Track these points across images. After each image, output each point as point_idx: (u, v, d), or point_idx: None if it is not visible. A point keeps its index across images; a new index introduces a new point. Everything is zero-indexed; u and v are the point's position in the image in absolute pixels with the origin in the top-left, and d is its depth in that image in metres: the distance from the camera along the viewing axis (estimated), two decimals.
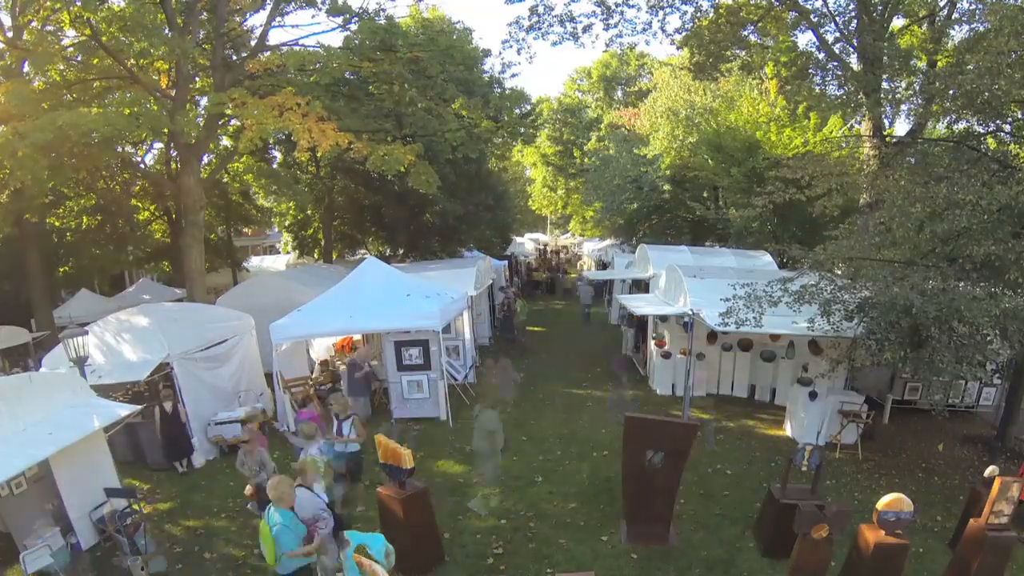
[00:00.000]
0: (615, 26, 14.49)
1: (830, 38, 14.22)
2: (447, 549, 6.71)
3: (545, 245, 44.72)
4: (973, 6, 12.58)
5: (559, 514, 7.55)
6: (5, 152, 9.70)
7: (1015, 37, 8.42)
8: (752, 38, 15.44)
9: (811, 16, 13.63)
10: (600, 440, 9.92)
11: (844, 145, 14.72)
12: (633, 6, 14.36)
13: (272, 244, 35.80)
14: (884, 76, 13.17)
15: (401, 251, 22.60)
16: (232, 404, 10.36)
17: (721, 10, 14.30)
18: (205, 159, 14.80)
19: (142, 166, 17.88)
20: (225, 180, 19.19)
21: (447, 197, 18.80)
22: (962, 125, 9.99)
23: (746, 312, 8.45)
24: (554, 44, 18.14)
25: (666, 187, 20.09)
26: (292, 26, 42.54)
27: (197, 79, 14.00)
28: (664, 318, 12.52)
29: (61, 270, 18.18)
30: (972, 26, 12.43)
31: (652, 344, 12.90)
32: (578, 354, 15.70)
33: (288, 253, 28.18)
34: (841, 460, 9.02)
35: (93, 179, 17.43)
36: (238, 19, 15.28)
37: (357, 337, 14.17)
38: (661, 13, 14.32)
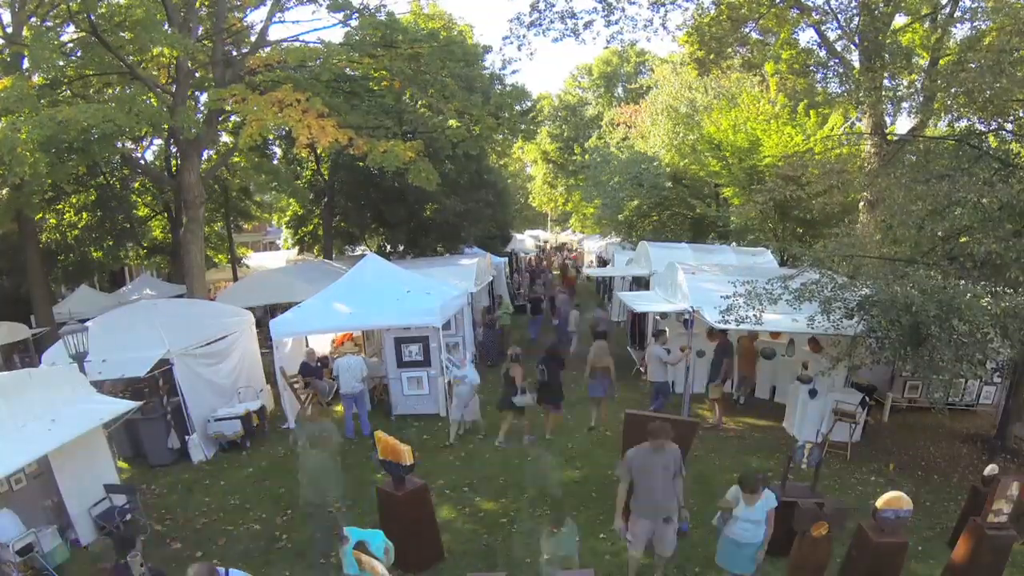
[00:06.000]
0: (616, 23, 14.50)
1: (832, 35, 14.21)
2: (446, 546, 6.71)
3: (545, 243, 44.57)
4: (975, 4, 12.57)
5: (559, 512, 7.54)
6: (4, 148, 9.66)
7: (1017, 35, 8.41)
8: (753, 35, 15.43)
9: (812, 13, 13.61)
10: (601, 438, 9.93)
11: (845, 143, 14.70)
12: (634, 3, 14.36)
13: (272, 240, 35.85)
14: (886, 74, 13.16)
15: (401, 247, 22.61)
16: (232, 400, 10.36)
17: (722, 7, 14.27)
18: (205, 155, 14.77)
19: (142, 162, 17.85)
20: (225, 176, 19.18)
21: (447, 194, 18.78)
22: (963, 123, 9.97)
23: (746, 310, 8.45)
24: (555, 41, 18.14)
25: (667, 184, 20.08)
26: (293, 22, 42.37)
27: (196, 74, 13.95)
28: (664, 315, 12.51)
29: (59, 264, 18.17)
30: (974, 24, 12.42)
31: (651, 341, 12.89)
32: (576, 354, 15.67)
33: (288, 249, 28.24)
34: (841, 458, 9.02)
35: (92, 175, 17.42)
36: (238, 15, 15.25)
37: (357, 333, 14.20)
38: (662, 10, 14.33)
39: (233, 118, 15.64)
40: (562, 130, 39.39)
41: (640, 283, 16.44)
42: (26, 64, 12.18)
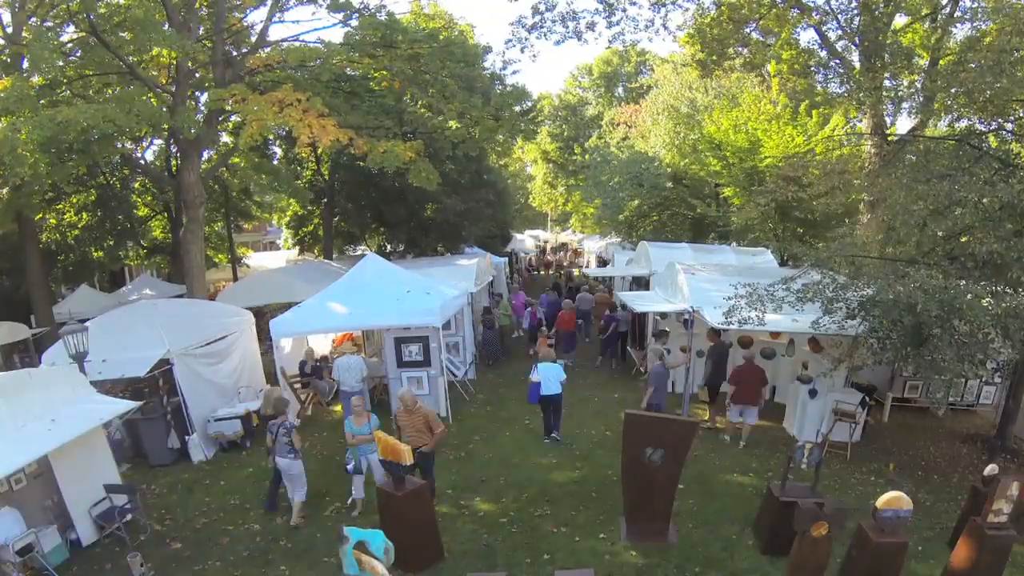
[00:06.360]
0: (617, 24, 14.51)
1: (832, 36, 14.22)
2: (446, 546, 6.71)
3: (546, 243, 44.56)
4: (975, 4, 12.59)
5: (559, 511, 7.55)
6: (4, 148, 9.66)
7: (1017, 35, 8.41)
8: (754, 36, 15.44)
9: (813, 13, 13.62)
10: (601, 438, 9.93)
11: (846, 143, 14.71)
12: (635, 3, 14.37)
13: (272, 240, 35.87)
14: (886, 74, 13.17)
15: (401, 247, 22.61)
16: (232, 400, 10.36)
17: (723, 7, 14.28)
18: (205, 155, 14.77)
19: (142, 162, 17.85)
20: (225, 176, 19.18)
21: (448, 194, 18.78)
22: (964, 123, 9.98)
23: (748, 311, 8.45)
24: (557, 43, 18.21)
25: (667, 184, 20.09)
26: (293, 22, 42.49)
27: (196, 74, 13.95)
28: (664, 315, 12.52)
29: (59, 264, 18.18)
30: (974, 24, 12.43)
31: (651, 340, 12.90)
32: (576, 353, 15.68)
33: (288, 249, 28.24)
34: (841, 458, 9.02)
35: (92, 175, 17.43)
36: (238, 15, 15.24)
37: (357, 333, 14.21)
38: (663, 10, 14.34)
39: (233, 118, 15.62)
40: (562, 130, 39.38)
41: (640, 283, 16.45)
42: (26, 64, 12.17)
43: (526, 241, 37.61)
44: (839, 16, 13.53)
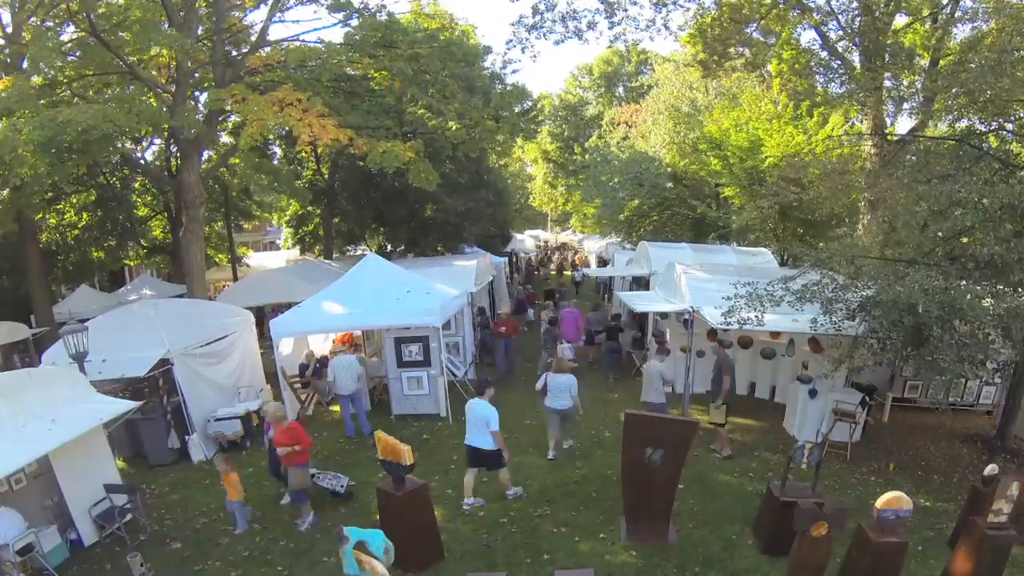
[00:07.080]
0: (619, 23, 14.53)
1: (833, 36, 14.23)
2: (446, 546, 6.71)
3: (546, 243, 44.57)
4: (976, 4, 12.59)
5: (559, 511, 7.55)
6: (5, 148, 9.67)
7: (1018, 35, 8.42)
8: (755, 36, 15.45)
9: (813, 14, 13.62)
10: (600, 438, 9.93)
11: (846, 143, 14.71)
12: (636, 3, 14.41)
13: (272, 240, 35.87)
14: (887, 74, 13.18)
15: (401, 247, 22.61)
16: (232, 400, 10.36)
17: (724, 7, 14.28)
18: (205, 155, 14.77)
19: (142, 162, 17.86)
20: (225, 176, 19.19)
21: (448, 194, 18.79)
22: (964, 123, 9.98)
23: (748, 311, 8.44)
24: (557, 43, 18.23)
25: (667, 184, 20.08)
26: (293, 22, 42.39)
27: (196, 74, 13.95)
28: (664, 315, 12.51)
29: (59, 264, 18.19)
30: (975, 24, 12.44)
31: (651, 345, 12.89)
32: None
33: (289, 249, 28.25)
34: (841, 458, 9.02)
35: (92, 175, 17.44)
36: (238, 15, 15.24)
37: (357, 333, 14.20)
38: (664, 10, 14.35)
39: (233, 118, 15.64)
40: (562, 130, 39.42)
41: (640, 283, 16.45)
42: (26, 64, 12.17)
43: (526, 241, 37.60)
44: (840, 16, 13.55)
